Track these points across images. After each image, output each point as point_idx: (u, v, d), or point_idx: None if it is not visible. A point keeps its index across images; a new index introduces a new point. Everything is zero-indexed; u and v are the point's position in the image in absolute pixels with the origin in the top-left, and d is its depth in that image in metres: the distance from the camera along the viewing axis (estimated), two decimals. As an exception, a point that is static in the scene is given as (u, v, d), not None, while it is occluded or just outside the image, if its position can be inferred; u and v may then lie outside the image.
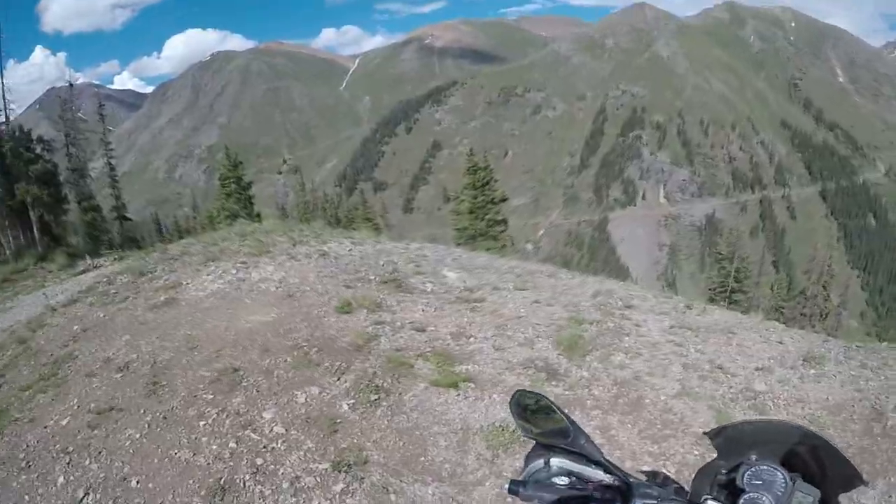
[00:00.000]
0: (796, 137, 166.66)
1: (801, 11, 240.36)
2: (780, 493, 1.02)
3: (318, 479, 4.29)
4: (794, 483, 1.03)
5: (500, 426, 4.82)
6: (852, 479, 1.09)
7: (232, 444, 4.60)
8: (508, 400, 1.28)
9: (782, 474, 1.03)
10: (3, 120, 21.24)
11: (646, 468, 4.71)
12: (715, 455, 1.19)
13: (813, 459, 1.09)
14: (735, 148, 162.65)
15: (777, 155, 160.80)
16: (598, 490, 1.12)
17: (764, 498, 1.01)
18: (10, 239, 19.33)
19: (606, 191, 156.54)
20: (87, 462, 4.43)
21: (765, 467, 1.04)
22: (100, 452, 4.53)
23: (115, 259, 13.96)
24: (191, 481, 4.22)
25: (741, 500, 1.03)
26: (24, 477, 4.32)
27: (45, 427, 4.94)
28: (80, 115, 27.69)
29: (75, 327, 7.15)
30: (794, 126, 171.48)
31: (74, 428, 4.87)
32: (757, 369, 6.46)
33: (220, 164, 31.41)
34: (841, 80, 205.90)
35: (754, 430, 1.21)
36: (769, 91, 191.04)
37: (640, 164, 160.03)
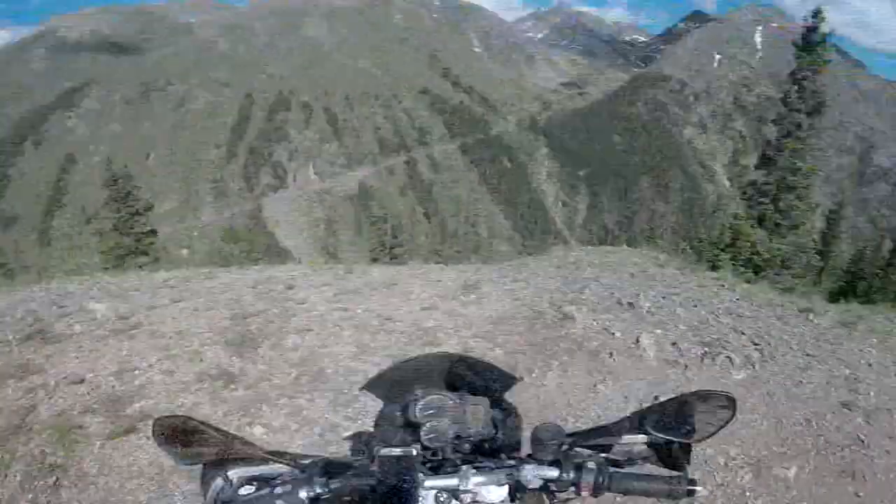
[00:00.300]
0: (436, 102, 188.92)
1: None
2: (454, 413, 1.10)
3: None
4: (462, 400, 1.12)
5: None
6: (506, 378, 1.24)
7: None
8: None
9: (449, 397, 1.12)
10: None
11: (349, 433, 4.99)
12: (383, 404, 1.23)
13: (470, 375, 1.23)
14: (379, 117, 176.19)
15: (418, 119, 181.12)
16: (282, 484, 1.10)
17: (441, 422, 1.08)
18: None
19: (257, 178, 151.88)
20: None
21: (432, 396, 1.11)
22: None
23: None
24: None
25: (422, 432, 1.08)
26: None
27: None
28: None
29: None
30: (434, 92, 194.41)
31: None
32: (423, 309, 7.23)
33: None
34: (477, 49, 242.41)
35: (408, 368, 1.27)
36: (411, 63, 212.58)
37: (289, 146, 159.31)
